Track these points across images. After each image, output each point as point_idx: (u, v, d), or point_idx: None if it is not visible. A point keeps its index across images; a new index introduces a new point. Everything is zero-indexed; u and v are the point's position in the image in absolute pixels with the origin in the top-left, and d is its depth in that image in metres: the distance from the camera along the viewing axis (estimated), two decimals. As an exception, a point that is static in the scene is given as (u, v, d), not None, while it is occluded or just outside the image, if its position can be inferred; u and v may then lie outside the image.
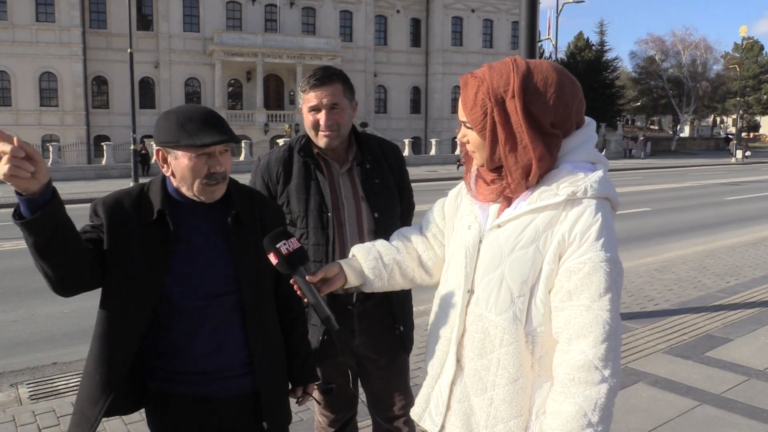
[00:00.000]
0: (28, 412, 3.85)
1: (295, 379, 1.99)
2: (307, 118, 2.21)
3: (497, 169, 1.44)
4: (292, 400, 2.00)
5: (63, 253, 1.53)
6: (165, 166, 1.73)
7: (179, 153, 1.68)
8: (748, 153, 49.07)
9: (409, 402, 2.33)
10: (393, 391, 2.42)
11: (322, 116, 2.18)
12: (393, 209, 2.36)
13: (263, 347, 1.82)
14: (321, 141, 2.22)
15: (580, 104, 1.43)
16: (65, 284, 1.61)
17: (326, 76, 2.18)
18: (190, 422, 1.77)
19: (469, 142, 1.46)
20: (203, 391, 1.75)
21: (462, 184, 1.61)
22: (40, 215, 1.41)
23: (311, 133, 2.24)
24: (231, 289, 1.76)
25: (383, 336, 2.34)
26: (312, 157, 2.28)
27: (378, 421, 2.47)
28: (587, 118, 1.47)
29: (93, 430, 1.68)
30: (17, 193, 1.41)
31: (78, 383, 4.37)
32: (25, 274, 8.40)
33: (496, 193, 1.44)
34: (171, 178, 1.74)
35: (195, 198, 1.74)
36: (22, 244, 10.70)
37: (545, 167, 1.38)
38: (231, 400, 1.79)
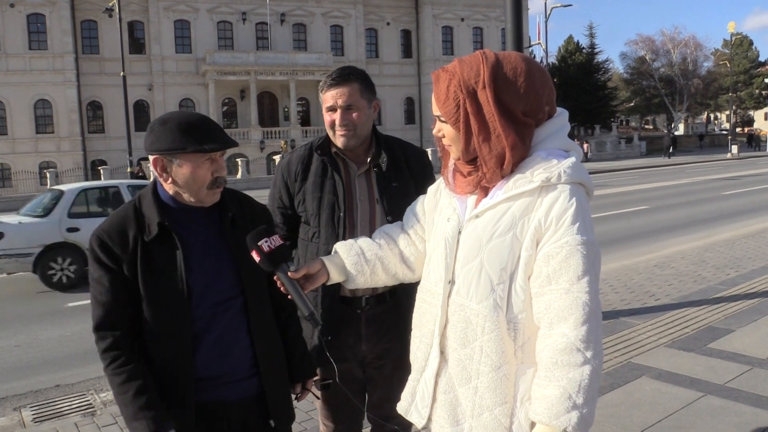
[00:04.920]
0: (31, 435, 3.84)
1: (294, 375, 1.99)
2: (325, 118, 2.24)
3: (473, 160, 1.46)
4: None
5: None
6: (164, 174, 1.71)
7: (184, 160, 1.67)
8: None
9: None
10: (396, 400, 2.40)
11: (337, 116, 2.19)
12: None
13: (267, 348, 1.83)
14: (338, 140, 2.23)
15: (551, 93, 1.45)
16: None
17: (343, 76, 2.19)
18: (200, 428, 1.75)
19: (444, 136, 1.49)
20: (212, 395, 1.75)
21: (441, 179, 1.63)
22: None
23: (329, 133, 2.26)
24: (236, 293, 1.77)
25: (391, 343, 2.29)
26: (329, 156, 2.28)
27: (379, 424, 2.45)
28: (559, 108, 1.49)
29: None
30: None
31: (80, 404, 4.38)
32: (26, 300, 8.40)
33: (473, 184, 1.46)
34: (170, 186, 1.72)
35: (193, 203, 1.74)
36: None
37: (519, 155, 1.40)
38: (239, 403, 1.79)
